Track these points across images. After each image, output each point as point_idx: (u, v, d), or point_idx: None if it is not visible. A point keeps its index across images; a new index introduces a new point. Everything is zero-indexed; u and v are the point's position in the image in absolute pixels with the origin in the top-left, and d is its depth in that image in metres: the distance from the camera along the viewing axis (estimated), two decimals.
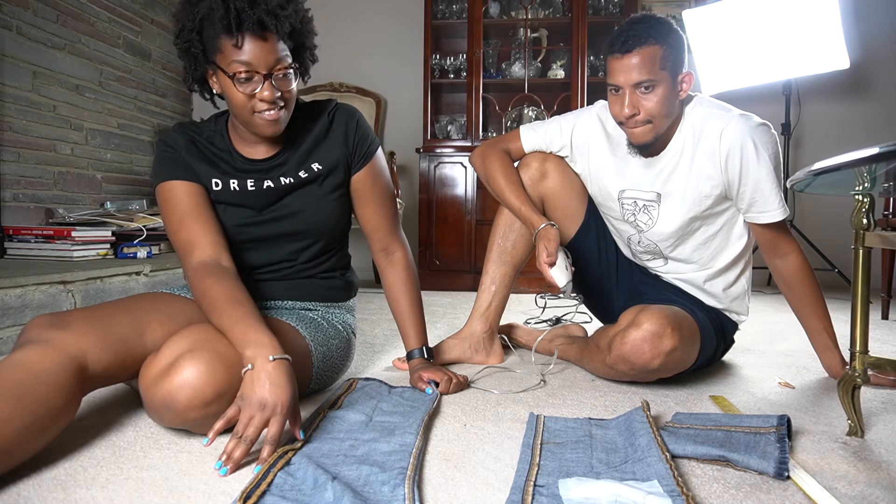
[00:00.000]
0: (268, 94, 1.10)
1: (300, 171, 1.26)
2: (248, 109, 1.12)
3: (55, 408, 0.89)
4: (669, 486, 0.81)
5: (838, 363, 1.44)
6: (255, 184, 1.25)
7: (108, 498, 0.81)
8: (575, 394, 1.35)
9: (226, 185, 1.24)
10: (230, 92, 1.12)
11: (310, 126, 1.29)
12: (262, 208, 1.26)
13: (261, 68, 1.09)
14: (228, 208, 1.25)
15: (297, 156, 1.26)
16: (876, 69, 3.55)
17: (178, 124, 1.28)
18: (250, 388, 0.94)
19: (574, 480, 0.84)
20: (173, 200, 1.19)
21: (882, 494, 0.85)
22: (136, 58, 3.57)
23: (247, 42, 1.08)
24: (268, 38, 1.09)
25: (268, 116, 1.13)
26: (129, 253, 2.73)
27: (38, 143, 2.89)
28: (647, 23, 1.29)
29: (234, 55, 1.08)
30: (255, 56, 1.08)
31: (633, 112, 1.31)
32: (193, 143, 1.25)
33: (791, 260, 1.43)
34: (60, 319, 1.01)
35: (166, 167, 1.21)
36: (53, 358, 0.93)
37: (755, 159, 1.32)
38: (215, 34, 1.08)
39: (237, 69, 1.08)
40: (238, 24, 1.06)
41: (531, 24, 3.62)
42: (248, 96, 1.11)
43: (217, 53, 1.10)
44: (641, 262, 1.58)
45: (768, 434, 0.98)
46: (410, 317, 1.38)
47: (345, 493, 0.77)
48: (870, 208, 1.08)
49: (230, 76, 1.09)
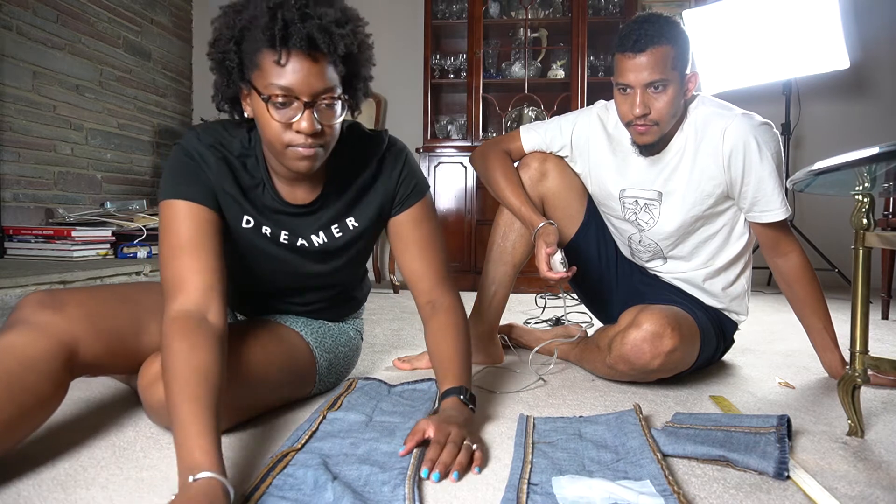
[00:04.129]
0: (306, 125, 0.93)
1: (334, 226, 1.13)
2: (281, 141, 0.95)
3: (44, 396, 0.88)
4: (661, 486, 0.81)
5: (838, 363, 1.44)
6: (289, 238, 1.12)
7: (107, 498, 0.81)
8: (575, 394, 1.35)
9: (258, 226, 1.09)
10: (263, 118, 0.95)
11: (358, 167, 1.13)
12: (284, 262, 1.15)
13: (303, 94, 0.92)
14: (249, 251, 1.12)
15: (336, 206, 1.13)
16: (876, 69, 3.54)
17: (201, 129, 1.07)
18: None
19: (567, 479, 0.85)
20: (175, 224, 1.00)
21: (882, 494, 0.85)
22: (136, 58, 3.57)
23: (292, 61, 0.91)
24: (317, 59, 0.92)
25: (301, 151, 0.95)
26: (128, 253, 2.73)
27: (38, 143, 2.89)
28: (658, 22, 1.28)
29: (273, 75, 0.91)
30: (298, 79, 0.91)
31: (645, 111, 1.30)
32: (225, 163, 1.05)
33: (792, 259, 1.43)
34: (56, 300, 0.96)
35: (181, 182, 1.02)
36: (44, 345, 0.90)
37: (758, 158, 1.32)
38: (256, 47, 0.92)
39: (274, 92, 0.92)
40: (284, 38, 0.89)
41: (531, 24, 3.62)
42: (284, 125, 0.94)
43: (255, 70, 0.93)
44: (641, 263, 1.58)
45: (768, 434, 0.98)
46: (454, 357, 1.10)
47: (345, 493, 0.77)
48: (870, 208, 1.08)
49: (265, 98, 0.93)
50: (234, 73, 0.96)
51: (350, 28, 0.95)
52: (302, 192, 1.10)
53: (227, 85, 0.99)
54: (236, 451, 0.97)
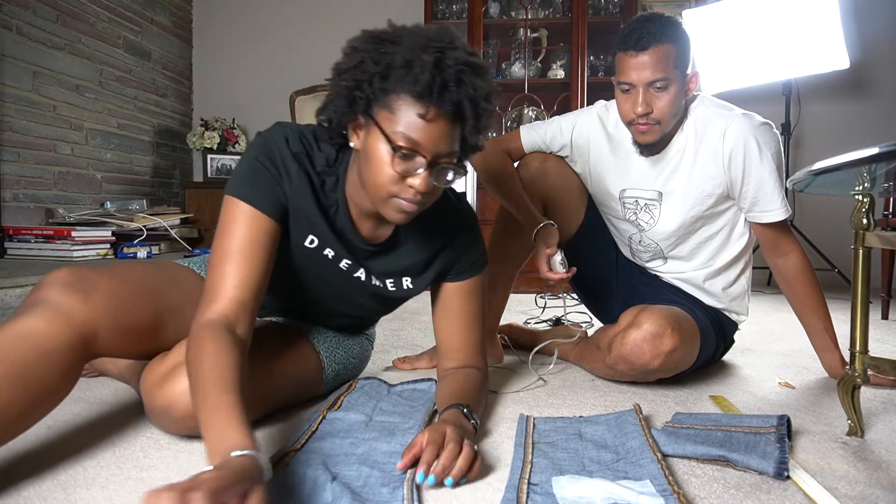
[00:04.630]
0: (421, 184, 0.91)
1: (389, 280, 1.13)
2: (389, 190, 0.93)
3: (54, 388, 0.87)
4: (661, 486, 0.81)
5: (838, 363, 1.44)
6: (349, 267, 1.10)
7: (107, 498, 0.80)
8: (575, 394, 1.35)
9: (321, 247, 1.07)
10: (377, 160, 0.91)
11: (433, 227, 1.12)
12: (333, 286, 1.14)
13: (429, 153, 0.90)
14: (302, 268, 1.09)
15: (400, 259, 1.13)
16: (876, 69, 3.54)
17: (290, 132, 1.03)
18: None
19: (567, 478, 0.84)
20: (233, 227, 0.97)
21: (882, 494, 0.85)
22: (136, 58, 3.57)
23: (433, 119, 0.89)
24: (455, 124, 0.92)
25: (404, 205, 0.94)
26: (128, 253, 2.73)
27: (38, 143, 2.89)
28: (660, 21, 1.28)
29: (407, 125, 0.89)
30: (431, 138, 0.89)
31: (647, 110, 1.30)
32: (307, 178, 1.02)
33: (792, 259, 1.43)
34: (85, 282, 0.92)
35: (254, 185, 0.99)
36: (64, 337, 0.87)
37: (758, 158, 1.32)
38: (398, 90, 0.89)
39: (403, 143, 0.89)
40: (437, 98, 0.87)
41: (531, 24, 3.62)
42: (400, 176, 0.91)
43: (386, 110, 0.90)
44: (641, 263, 1.58)
45: (768, 434, 0.98)
46: (465, 388, 1.08)
47: (343, 493, 0.77)
48: (870, 208, 1.08)
49: (392, 145, 0.90)
50: (358, 105, 0.93)
51: (494, 104, 0.95)
52: (370, 227, 1.08)
53: (344, 111, 0.95)
54: None
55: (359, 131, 0.96)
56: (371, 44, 0.92)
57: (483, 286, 1.21)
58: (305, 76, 3.87)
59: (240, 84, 4.11)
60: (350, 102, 0.93)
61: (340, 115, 0.95)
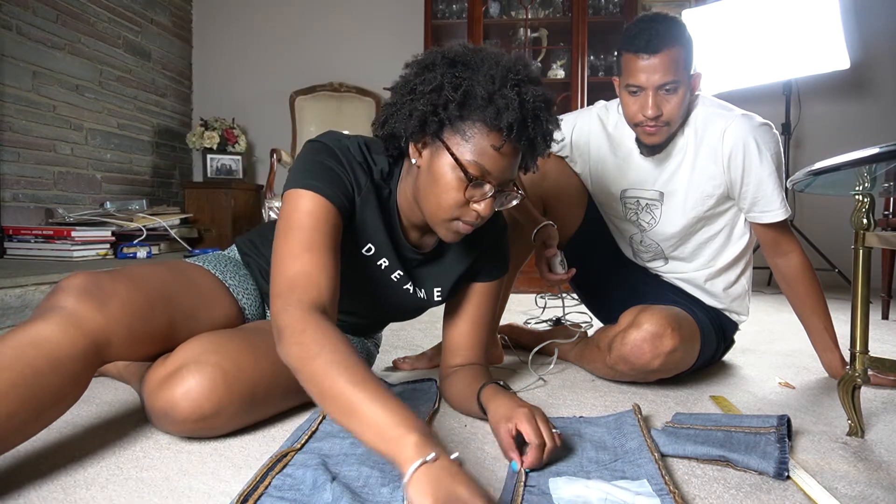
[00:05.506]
0: (485, 209, 0.94)
1: (435, 289, 1.16)
2: (452, 213, 0.94)
3: (63, 396, 0.86)
4: (658, 486, 0.81)
5: (838, 363, 1.44)
6: (400, 278, 1.11)
7: (107, 498, 0.80)
8: (575, 394, 1.35)
9: (376, 257, 1.08)
10: (445, 184, 0.93)
11: (477, 237, 1.13)
12: (379, 295, 1.14)
13: (496, 181, 0.93)
14: (354, 274, 1.08)
15: (451, 267, 1.15)
16: (876, 69, 3.54)
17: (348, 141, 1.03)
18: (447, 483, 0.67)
19: (564, 480, 0.85)
20: (313, 219, 0.94)
21: (882, 494, 0.85)
22: (136, 58, 3.57)
23: (506, 151, 0.91)
24: (518, 156, 0.95)
25: (462, 228, 0.96)
26: (128, 253, 2.73)
27: (38, 143, 2.89)
28: (668, 23, 1.27)
29: (481, 154, 0.90)
30: (501, 168, 0.92)
31: (658, 113, 1.29)
32: (373, 188, 1.03)
33: (792, 259, 1.43)
34: (100, 290, 0.92)
35: (329, 182, 0.97)
36: (77, 346, 0.86)
37: (757, 159, 1.32)
38: (475, 118, 0.90)
39: (475, 172, 0.91)
40: (518, 134, 0.89)
41: (531, 23, 3.62)
42: (466, 200, 0.93)
43: (458, 135, 0.92)
44: (642, 263, 1.58)
45: (768, 434, 0.98)
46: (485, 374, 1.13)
47: (343, 493, 0.77)
48: (870, 208, 1.08)
49: (464, 171, 0.91)
50: (428, 126, 0.93)
51: (553, 138, 0.97)
52: (416, 237, 1.11)
53: (415, 132, 0.94)
54: (236, 450, 0.97)
55: (423, 150, 0.97)
56: (448, 67, 0.92)
57: (500, 290, 1.23)
58: (305, 76, 3.88)
59: (240, 84, 4.11)
60: (422, 124, 0.93)
61: (410, 133, 0.95)
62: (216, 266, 1.18)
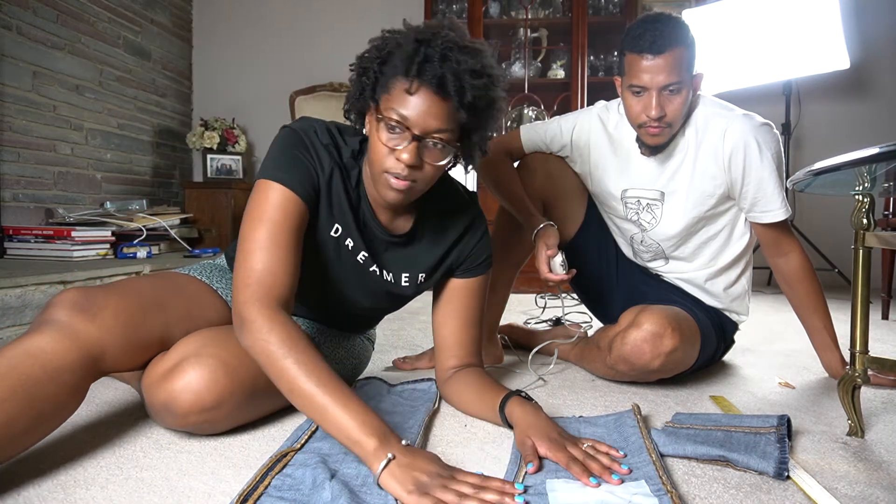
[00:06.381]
0: (407, 157, 0.94)
1: (404, 275, 1.15)
2: (382, 164, 0.97)
3: (61, 405, 0.88)
4: (656, 486, 0.81)
5: (838, 363, 1.44)
6: (365, 260, 1.12)
7: (107, 498, 0.81)
8: (575, 394, 1.35)
9: (343, 237, 1.09)
10: (373, 137, 0.98)
11: (450, 226, 1.16)
12: (347, 279, 1.14)
13: (416, 128, 0.94)
14: (319, 256, 1.10)
15: (422, 254, 1.16)
16: (876, 69, 3.54)
17: (317, 125, 1.07)
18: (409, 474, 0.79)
19: (562, 481, 0.85)
20: (282, 213, 0.98)
21: (882, 494, 0.85)
22: (136, 58, 3.57)
23: (418, 94, 0.93)
24: (442, 100, 0.93)
25: (393, 181, 0.97)
26: (128, 253, 2.73)
27: (38, 143, 2.89)
28: (671, 23, 1.27)
29: (398, 101, 0.93)
30: (417, 112, 0.93)
31: (662, 114, 1.29)
32: (339, 168, 1.06)
33: (793, 259, 1.43)
34: (92, 304, 0.94)
35: (291, 172, 1.01)
36: (72, 355, 0.89)
37: (758, 159, 1.32)
38: (393, 72, 0.94)
39: (392, 116, 0.94)
40: (418, 71, 0.92)
41: (531, 24, 3.62)
42: (389, 149, 0.96)
43: (384, 93, 0.96)
44: (642, 263, 1.58)
45: (768, 434, 0.98)
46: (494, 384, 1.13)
47: (342, 492, 0.77)
48: (870, 208, 1.08)
49: (380, 119, 0.95)
50: (367, 90, 0.98)
51: (483, 82, 0.95)
52: (387, 218, 1.11)
53: (357, 97, 1.01)
54: (236, 450, 0.98)
55: (370, 117, 1.01)
56: (380, 39, 0.99)
57: (487, 286, 1.24)
58: (305, 76, 3.87)
59: (240, 84, 4.11)
60: (359, 88, 1.00)
61: (354, 101, 1.01)
62: (202, 273, 1.21)
